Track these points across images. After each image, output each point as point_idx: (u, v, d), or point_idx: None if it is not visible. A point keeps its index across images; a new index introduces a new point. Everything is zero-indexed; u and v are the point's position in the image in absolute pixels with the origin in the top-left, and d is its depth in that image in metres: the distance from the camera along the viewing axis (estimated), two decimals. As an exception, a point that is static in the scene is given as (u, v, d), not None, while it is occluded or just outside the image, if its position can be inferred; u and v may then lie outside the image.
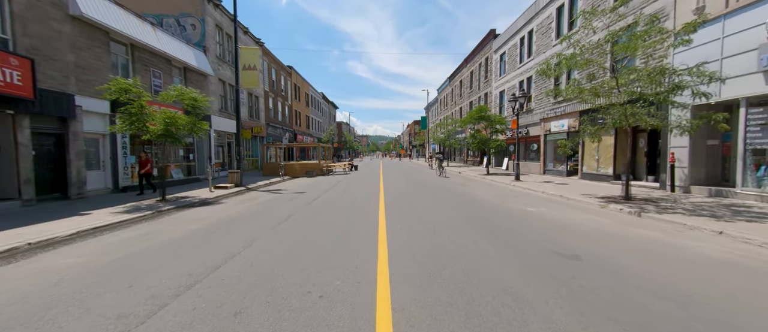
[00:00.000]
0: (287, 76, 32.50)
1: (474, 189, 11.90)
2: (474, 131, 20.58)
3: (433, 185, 13.55)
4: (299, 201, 9.33)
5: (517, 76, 21.14)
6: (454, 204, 8.53)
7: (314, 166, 20.24)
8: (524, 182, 13.91)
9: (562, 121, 16.01)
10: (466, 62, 33.74)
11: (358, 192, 11.34)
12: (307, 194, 10.98)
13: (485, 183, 14.55)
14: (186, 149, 15.61)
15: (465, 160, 34.98)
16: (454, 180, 16.42)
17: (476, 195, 10.18)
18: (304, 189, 12.45)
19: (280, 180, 17.14)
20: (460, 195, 10.21)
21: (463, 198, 9.54)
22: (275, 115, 28.57)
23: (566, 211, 7.53)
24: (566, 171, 16.04)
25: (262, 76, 25.38)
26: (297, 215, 7.13)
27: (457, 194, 10.58)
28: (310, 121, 42.38)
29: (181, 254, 4.38)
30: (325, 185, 14.07)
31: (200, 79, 16.46)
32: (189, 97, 9.83)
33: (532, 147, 19.88)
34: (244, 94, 21.59)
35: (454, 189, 12.13)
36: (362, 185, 13.84)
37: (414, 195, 10.19)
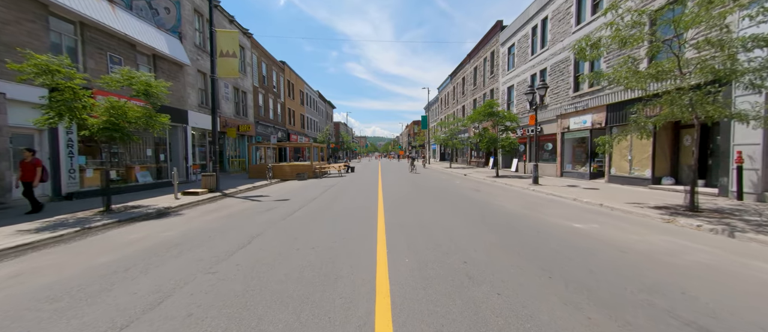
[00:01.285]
0: (279, 72, 30.57)
1: (492, 196, 10.00)
2: (481, 129, 18.72)
3: (440, 188, 11.66)
4: (277, 212, 7.40)
5: (529, 69, 19.31)
6: (476, 217, 6.63)
7: (305, 168, 18.31)
8: (544, 186, 12.04)
9: (584, 116, 14.17)
10: (470, 58, 31.94)
11: (351, 199, 9.43)
12: (290, 202, 9.05)
13: (499, 188, 12.67)
14: (157, 148, 13.63)
15: (468, 161, 33.15)
16: (463, 183, 14.53)
17: (498, 205, 8.27)
18: (289, 196, 10.51)
19: (267, 183, 15.20)
20: (479, 204, 8.30)
21: (483, 209, 7.63)
22: (266, 113, 26.61)
23: (626, 229, 5.64)
24: (589, 173, 14.18)
25: (251, 69, 23.46)
26: (264, 236, 5.20)
27: (473, 202, 8.68)
28: (305, 120, 40.44)
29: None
30: (314, 190, 12.14)
31: (174, 70, 14.50)
32: (141, 82, 7.90)
33: (546, 146, 18.03)
34: (229, 89, 19.65)
35: (468, 195, 10.24)
36: (357, 190, 11.91)
37: (421, 204, 8.28)
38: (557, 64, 16.37)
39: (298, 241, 4.84)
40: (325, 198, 9.79)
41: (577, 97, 14.77)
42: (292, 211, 7.45)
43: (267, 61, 27.11)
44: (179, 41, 14.97)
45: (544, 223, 6.04)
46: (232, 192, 11.86)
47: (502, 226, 5.78)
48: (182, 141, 14.97)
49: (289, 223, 6.13)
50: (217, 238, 5.12)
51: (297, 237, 5.10)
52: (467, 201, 8.93)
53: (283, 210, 7.60)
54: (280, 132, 30.19)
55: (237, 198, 10.37)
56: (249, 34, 22.84)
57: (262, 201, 9.52)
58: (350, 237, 5.06)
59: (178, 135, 14.84)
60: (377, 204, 8.31)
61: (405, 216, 6.76)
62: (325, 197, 9.99)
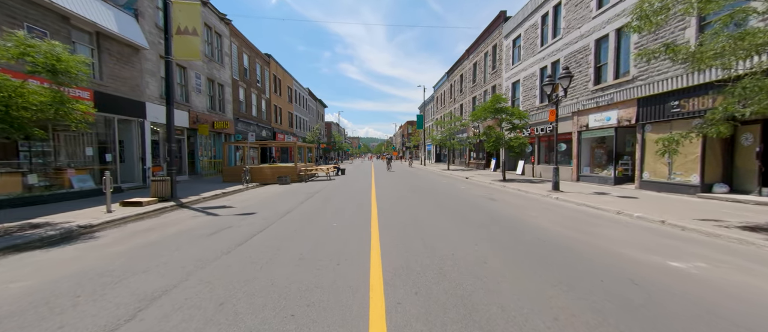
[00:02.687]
0: (264, 65, 28.19)
1: (513, 208, 7.99)
2: (486, 128, 16.78)
3: (446, 194, 9.62)
4: (227, 237, 5.22)
5: (538, 61, 17.49)
6: (513, 245, 4.58)
7: (288, 171, 16.07)
8: (567, 193, 10.12)
9: (608, 112, 12.34)
10: (468, 53, 30.14)
11: (335, 213, 7.29)
12: (255, 217, 6.87)
13: (513, 194, 10.70)
14: (102, 147, 11.24)
15: (467, 162, 31.31)
16: (471, 189, 12.52)
17: (530, 223, 6.25)
18: (259, 207, 8.32)
19: (241, 188, 12.93)
20: (505, 223, 6.27)
21: (516, 231, 5.59)
22: (248, 109, 24.23)
23: (756, 271, 3.67)
24: (613, 177, 12.34)
25: (231, 60, 21.09)
26: (173, 296, 3.04)
27: (495, 217, 6.64)
28: (293, 119, 38.04)
29: None
30: (292, 199, 9.96)
31: (128, 53, 12.12)
32: (45, 53, 5.66)
33: (559, 147, 16.18)
34: (201, 80, 17.27)
35: (483, 205, 8.20)
36: (345, 199, 9.78)
37: (428, 221, 6.20)
38: (573, 55, 14.55)
39: (225, 309, 2.69)
40: (304, 210, 7.63)
41: (598, 90, 12.94)
42: (250, 235, 5.27)
43: (249, 53, 24.73)
44: (135, 20, 12.60)
45: (620, 260, 4.02)
46: (191, 201, 9.60)
47: (563, 268, 3.73)
48: (138, 138, 12.59)
49: (232, 260, 3.97)
50: (83, 304, 2.92)
51: (226, 300, 2.93)
52: (486, 214, 6.88)
53: (239, 233, 5.42)
54: (265, 130, 27.80)
55: (191, 211, 8.12)
56: (227, 21, 20.47)
57: (220, 215, 7.30)
58: (324, 298, 2.94)
59: (132, 131, 12.46)
60: (370, 221, 6.20)
61: (412, 242, 4.67)
62: (303, 209, 7.83)
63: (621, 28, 11.70)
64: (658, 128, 10.31)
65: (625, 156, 12.52)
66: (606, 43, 12.60)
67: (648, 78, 10.54)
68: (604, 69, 12.78)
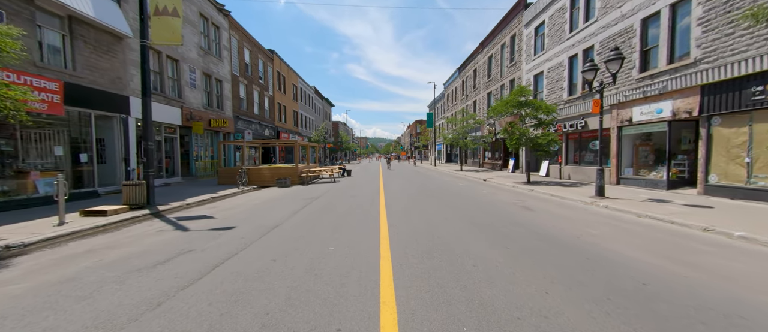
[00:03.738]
0: (268, 61, 26.94)
1: (567, 223, 6.28)
2: (507, 124, 15.00)
3: (472, 201, 7.95)
4: (177, 272, 3.70)
5: (567, 49, 15.60)
6: (599, 292, 2.92)
7: (289, 172, 14.63)
8: (616, 200, 8.33)
9: (659, 103, 10.45)
10: (482, 46, 28.27)
11: (335, 229, 5.73)
12: (232, 234, 5.36)
13: (550, 201, 8.95)
14: (76, 146, 9.96)
15: (481, 162, 29.42)
16: (496, 194, 10.80)
17: (607, 250, 4.55)
18: (242, 219, 6.83)
19: (235, 192, 11.54)
20: (564, 245, 4.58)
21: (588, 260, 3.91)
22: (249, 107, 22.97)
23: None
24: (666, 181, 10.43)
25: (230, 54, 19.83)
26: None
27: (545, 236, 4.96)
28: (299, 118, 36.80)
29: None
30: (288, 206, 8.46)
31: (108, 42, 10.84)
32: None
33: (591, 145, 14.30)
34: (196, 74, 15.99)
35: (521, 217, 6.51)
36: (349, 207, 8.21)
37: (459, 241, 4.57)
38: (612, 39, 12.66)
39: None
40: (296, 223, 6.09)
41: (646, 78, 11.04)
42: (208, 268, 3.74)
43: (251, 47, 23.47)
44: (117, 4, 11.33)
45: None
46: (170, 208, 8.20)
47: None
48: (120, 136, 11.30)
49: (152, 327, 2.43)
50: None
51: None
52: (532, 232, 5.21)
53: (196, 264, 3.90)
54: (268, 129, 26.54)
55: (162, 223, 6.69)
56: (226, 12, 19.20)
57: (191, 230, 5.82)
58: None
59: (114, 128, 11.19)
60: (379, 242, 4.61)
61: (445, 287, 3.05)
62: (296, 220, 6.29)
63: (678, 1, 9.82)
64: (732, 121, 8.42)
65: (678, 155, 10.61)
66: (656, 22, 10.71)
67: (717, 60, 8.65)
68: (654, 53, 10.88)
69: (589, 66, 9.33)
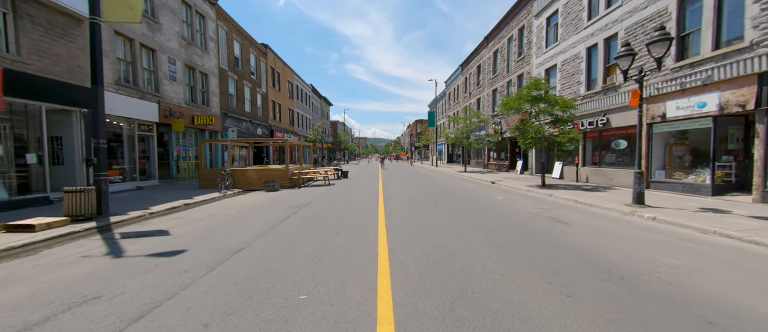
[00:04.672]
0: (260, 56, 25.48)
1: (623, 243, 4.85)
2: (519, 122, 13.57)
3: (493, 216, 6.52)
4: None
5: (585, 39, 14.20)
6: None
7: (278, 174, 13.17)
8: (661, 209, 6.91)
9: (702, 95, 9.04)
10: (487, 40, 26.87)
11: (317, 256, 4.29)
12: (175, 264, 3.92)
13: (581, 210, 7.52)
14: (21, 144, 8.51)
15: (486, 163, 28.00)
16: (513, 202, 9.37)
17: (708, 291, 3.11)
18: (202, 237, 5.38)
19: (215, 198, 10.11)
20: (640, 285, 3.15)
21: (705, 322, 2.48)
22: (240, 104, 21.51)
23: None
24: (711, 185, 9.01)
25: (217, 47, 18.37)
26: None
27: (605, 266, 3.53)
28: (295, 117, 35.34)
29: None
30: (265, 218, 7.02)
31: (64, 24, 9.39)
32: None
33: (615, 144, 12.88)
34: (177, 66, 14.54)
35: (557, 234, 5.08)
36: (339, 218, 6.77)
37: (488, 276, 3.15)
38: (640, 25, 11.26)
39: None
40: (267, 245, 4.65)
41: (685, 67, 9.62)
42: (112, 330, 2.31)
43: (241, 40, 22.01)
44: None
45: None
46: (124, 220, 6.76)
47: None
48: (80, 134, 9.85)
49: None
50: None
51: None
52: (584, 260, 3.78)
53: (96, 324, 2.46)
54: (261, 128, 25.09)
55: (99, 242, 5.24)
56: (212, 0, 17.74)
57: (127, 256, 4.37)
58: None
59: (72, 125, 9.73)
60: (376, 279, 3.18)
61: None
62: (269, 241, 4.85)
63: (727, -24, 8.41)
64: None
65: (722, 155, 9.21)
66: (697, 1, 9.30)
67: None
68: (694, 38, 9.47)
69: (625, 51, 7.90)
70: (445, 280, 3.27)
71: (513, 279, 3.28)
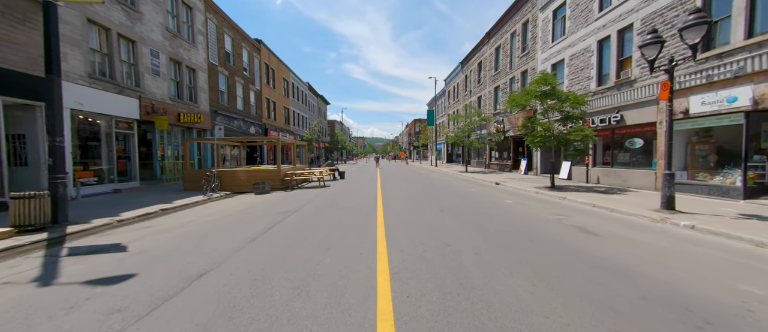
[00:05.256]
0: (253, 52, 24.49)
1: (672, 261, 3.99)
2: (525, 119, 12.75)
3: (510, 225, 5.64)
4: None
5: (595, 32, 13.38)
6: None
7: (269, 175, 12.25)
8: (696, 215, 6.08)
9: (733, 89, 8.24)
10: (489, 36, 26.04)
11: (300, 286, 3.40)
12: (116, 296, 3.02)
13: (603, 217, 6.68)
14: (-25, 143, 7.55)
15: (487, 163, 27.19)
16: (525, 206, 8.51)
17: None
18: (166, 253, 4.47)
19: (198, 201, 9.20)
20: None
21: None
22: (231, 101, 20.53)
23: None
24: (743, 188, 8.21)
25: (206, 40, 17.40)
26: None
27: (689, 306, 2.70)
28: (291, 115, 34.36)
29: None
30: (248, 227, 6.13)
31: (24, 9, 8.42)
32: None
33: (629, 143, 12.08)
34: (160, 59, 13.56)
35: (597, 256, 4.22)
36: (331, 226, 5.89)
37: (526, 320, 2.30)
38: (658, 14, 10.44)
39: None
40: (241, 266, 3.76)
41: (712, 58, 8.80)
42: None
43: (233, 34, 21.03)
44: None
45: None
46: (85, 230, 5.86)
47: None
48: (41, 129, 8.88)
49: None
50: None
51: None
52: (656, 302, 2.93)
53: None
54: (254, 126, 24.11)
55: (41, 259, 4.33)
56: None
57: (59, 283, 3.46)
58: None
59: (36, 122, 8.77)
60: (375, 322, 2.31)
61: None
62: (244, 261, 3.96)
63: (763, -43, 7.60)
64: None
65: (753, 155, 8.40)
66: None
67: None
68: (723, 26, 8.65)
69: (652, 39, 7.06)
70: (468, 327, 2.40)
71: (563, 325, 2.41)
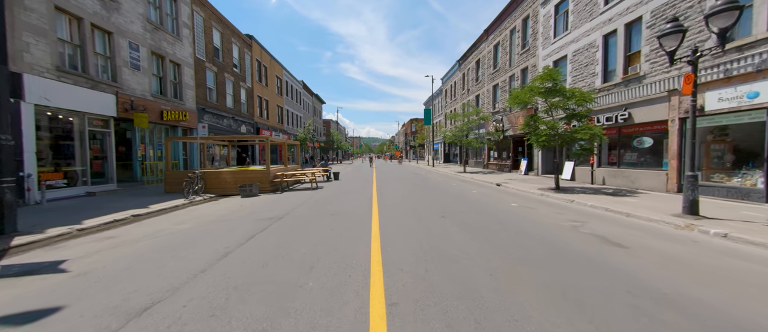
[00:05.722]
0: (244, 48, 23.61)
1: (728, 287, 3.32)
2: (527, 118, 12.12)
3: (523, 236, 4.94)
4: None
5: (600, 26, 12.79)
6: None
7: (257, 177, 11.46)
8: (725, 223, 5.46)
9: (755, 84, 7.68)
10: (487, 33, 25.44)
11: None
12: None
13: (623, 224, 6.03)
14: None
15: (485, 163, 26.60)
16: (535, 211, 7.84)
17: None
18: (126, 267, 3.70)
19: (176, 206, 8.40)
20: None
21: None
22: (220, 99, 19.65)
23: None
24: (765, 190, 7.64)
25: (193, 34, 16.52)
26: None
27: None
28: (284, 114, 33.48)
29: None
30: (222, 240, 5.37)
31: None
32: None
33: (638, 142, 11.50)
34: (140, 52, 12.68)
35: (637, 278, 3.55)
36: (316, 246, 5.17)
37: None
38: (669, 6, 9.87)
39: None
40: (200, 294, 3.01)
41: (731, 50, 8.23)
42: None
43: (222, 29, 20.14)
44: (-1, -58, 8.01)
45: None
46: (37, 241, 5.10)
47: None
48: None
49: None
50: None
51: None
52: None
53: None
54: (245, 125, 23.24)
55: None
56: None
57: (-42, 320, 2.68)
58: None
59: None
60: None
61: None
62: (208, 284, 3.21)
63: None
64: None
65: None
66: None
67: None
68: (744, 17, 8.06)
69: (672, 28, 6.44)
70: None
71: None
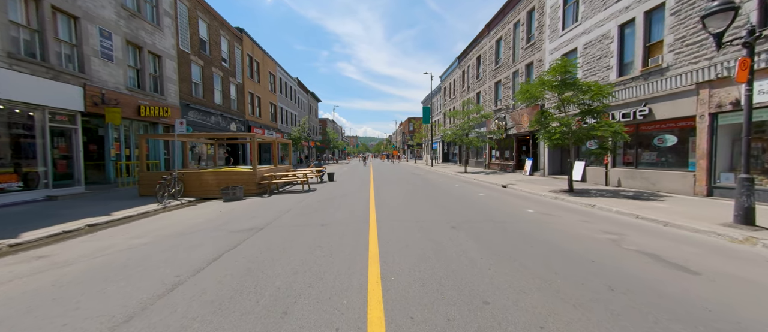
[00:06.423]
0: (235, 41, 22.40)
1: None
2: (537, 114, 11.15)
3: (561, 257, 3.95)
4: None
5: (615, 15, 11.85)
6: None
7: (242, 179, 10.36)
8: (812, 239, 4.50)
9: (803, 75, 6.73)
10: (489, 28, 24.50)
11: None
12: None
13: (671, 237, 5.06)
14: None
15: (487, 163, 25.67)
16: (555, 218, 6.85)
17: None
18: (8, 318, 2.61)
19: (145, 213, 7.30)
20: None
21: None
22: (207, 94, 18.46)
23: None
24: (816, 194, 6.72)
25: (176, 23, 15.33)
26: None
27: None
28: (278, 112, 32.28)
29: None
30: (178, 263, 4.30)
31: None
32: None
33: (659, 140, 10.58)
34: (113, 40, 11.50)
35: (726, 317, 2.59)
36: (293, 267, 4.11)
37: None
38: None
39: None
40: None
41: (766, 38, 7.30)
42: None
43: (209, 20, 18.94)
44: None
45: None
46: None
47: None
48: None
49: None
50: None
51: None
52: None
53: None
54: (235, 123, 22.06)
55: None
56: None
57: None
58: None
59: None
60: None
61: None
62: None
63: None
64: None
65: (826, 154, 6.94)
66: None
67: None
68: None
69: (720, 5, 5.46)
70: None
71: None
